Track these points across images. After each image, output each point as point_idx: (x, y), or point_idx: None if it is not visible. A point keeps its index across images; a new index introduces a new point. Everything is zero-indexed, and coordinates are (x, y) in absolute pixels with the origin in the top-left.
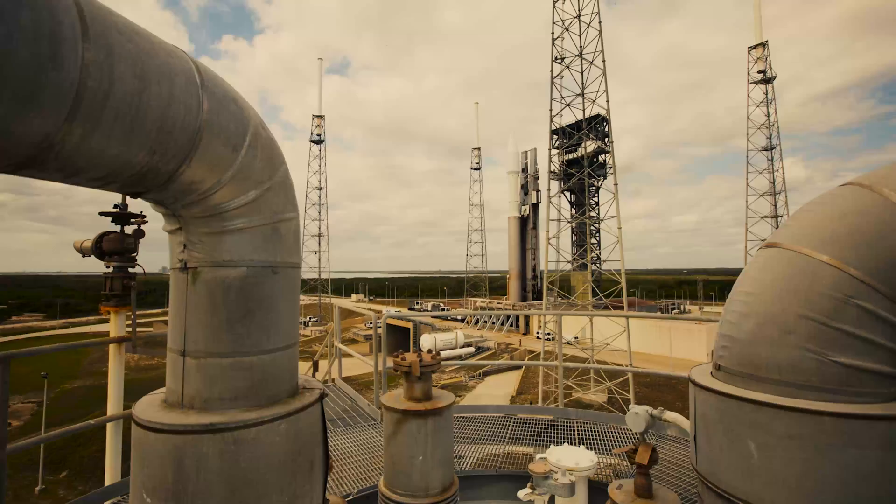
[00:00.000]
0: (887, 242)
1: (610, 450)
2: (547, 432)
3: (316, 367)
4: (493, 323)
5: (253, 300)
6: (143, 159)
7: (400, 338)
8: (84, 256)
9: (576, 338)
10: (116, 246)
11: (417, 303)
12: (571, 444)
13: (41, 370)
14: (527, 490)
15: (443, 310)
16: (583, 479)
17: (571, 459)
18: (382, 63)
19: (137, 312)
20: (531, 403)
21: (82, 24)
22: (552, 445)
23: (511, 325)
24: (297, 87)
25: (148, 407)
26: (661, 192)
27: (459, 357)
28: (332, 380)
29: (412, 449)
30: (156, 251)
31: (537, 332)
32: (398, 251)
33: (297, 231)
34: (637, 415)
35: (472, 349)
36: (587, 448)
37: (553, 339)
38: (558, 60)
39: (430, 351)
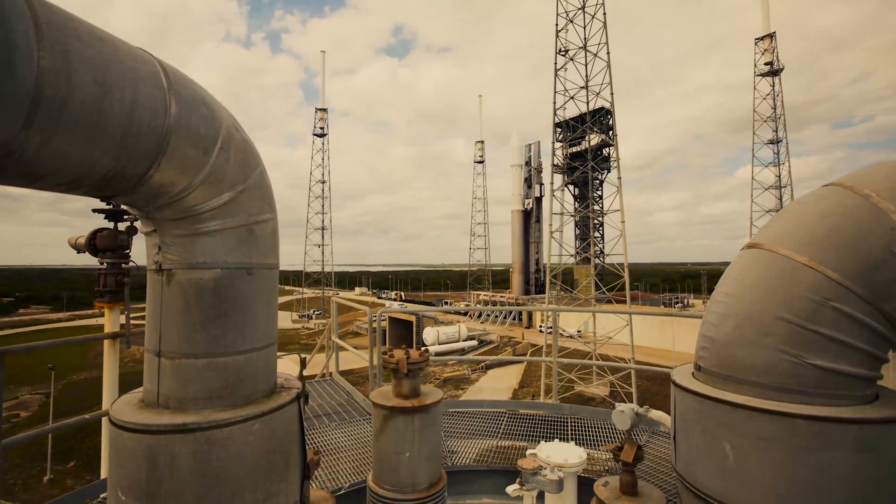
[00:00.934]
0: (866, 244)
1: (603, 445)
2: (541, 427)
3: (304, 364)
4: (496, 316)
5: (227, 301)
6: (109, 164)
7: (403, 331)
8: (79, 253)
9: (578, 332)
10: (110, 243)
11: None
12: (565, 439)
13: (48, 362)
14: (515, 486)
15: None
16: (572, 475)
17: (561, 455)
18: (449, 42)
19: (132, 307)
20: (533, 397)
21: (37, 31)
22: (542, 441)
23: (514, 319)
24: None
25: (124, 406)
26: (693, 184)
27: (462, 350)
28: (330, 373)
29: (399, 445)
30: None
31: (540, 326)
32: (407, 244)
33: (274, 232)
34: (622, 413)
35: (474, 342)
36: (581, 443)
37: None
38: (562, 53)
39: (419, 348)
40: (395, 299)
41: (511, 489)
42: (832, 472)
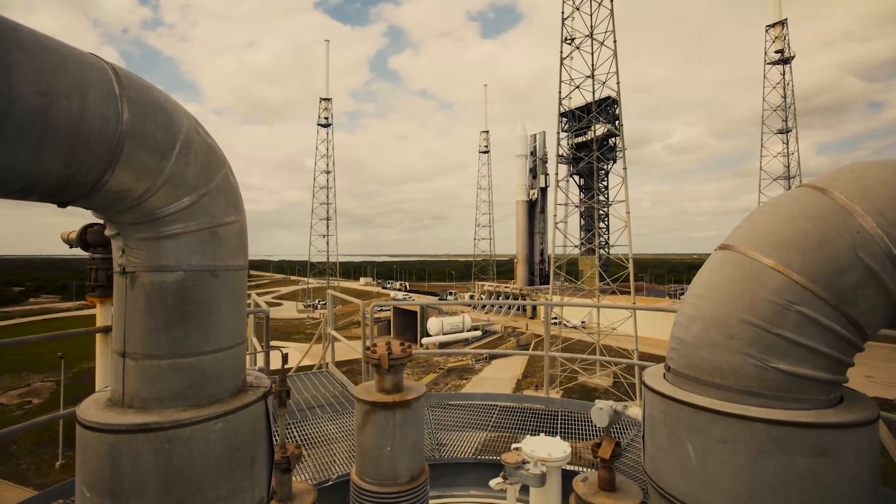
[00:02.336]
0: (832, 247)
1: (592, 440)
2: (532, 421)
3: (285, 359)
4: (501, 307)
5: (191, 303)
6: (59, 172)
7: (408, 321)
8: (71, 247)
9: (583, 322)
10: (100, 238)
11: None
12: (555, 433)
13: (58, 351)
14: (498, 479)
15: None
16: (556, 469)
17: (545, 450)
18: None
19: None
20: (536, 387)
21: None
22: (528, 436)
23: (518, 309)
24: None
25: (90, 405)
26: (727, 174)
27: (466, 340)
28: (327, 364)
29: (380, 439)
30: None
31: (544, 317)
32: (414, 235)
33: (241, 234)
34: (601, 410)
35: (478, 333)
36: (571, 437)
37: (558, 322)
38: (568, 41)
39: (401, 343)
40: (399, 289)
41: (494, 483)
42: (790, 476)
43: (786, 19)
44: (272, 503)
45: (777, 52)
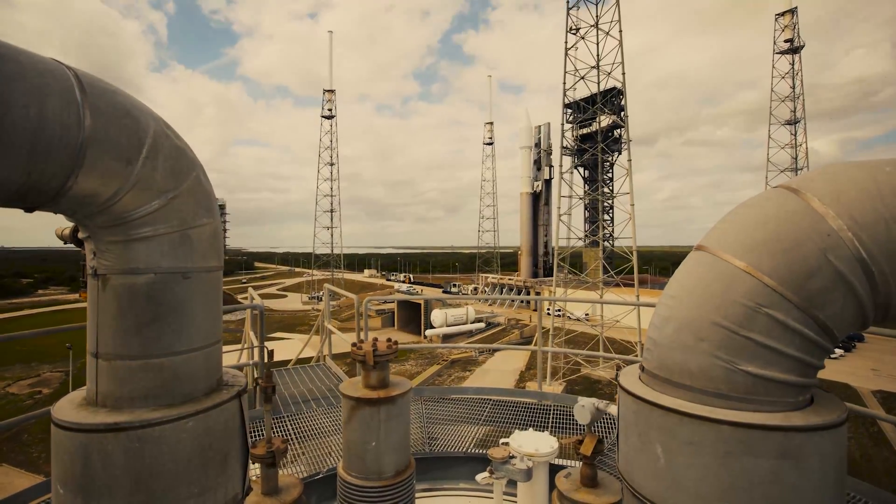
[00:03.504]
0: (803, 250)
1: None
2: (524, 416)
3: (270, 356)
4: (503, 300)
5: (162, 305)
6: (19, 179)
7: (412, 313)
8: (65, 244)
9: (586, 314)
10: None
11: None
12: (547, 427)
13: (66, 342)
14: (485, 474)
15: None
16: (544, 464)
17: (532, 445)
18: None
19: None
20: None
21: None
22: (516, 430)
23: (522, 301)
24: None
25: (65, 405)
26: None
27: (470, 333)
28: (324, 357)
29: (365, 435)
30: None
31: (547, 309)
32: (424, 226)
33: (214, 235)
34: (583, 408)
35: (482, 325)
36: (563, 432)
37: (562, 315)
38: (573, 31)
39: (388, 339)
40: (403, 281)
41: (480, 477)
42: (754, 478)
43: (796, 8)
44: (259, 496)
45: (786, 41)
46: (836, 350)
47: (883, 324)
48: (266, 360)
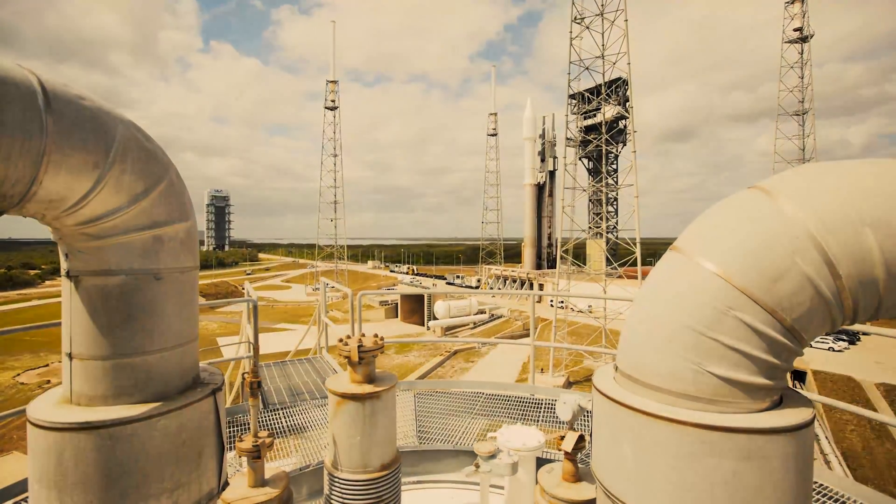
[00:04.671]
0: (771, 253)
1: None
2: (516, 409)
3: (256, 351)
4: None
5: (134, 306)
6: None
7: (415, 304)
8: None
9: (589, 307)
10: None
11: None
12: (538, 421)
13: None
14: (471, 468)
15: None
16: (530, 458)
17: (519, 439)
18: None
19: None
20: (542, 371)
21: None
22: (505, 425)
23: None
24: None
25: (41, 403)
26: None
27: (473, 324)
28: (321, 349)
29: (350, 429)
30: None
31: (550, 301)
32: (430, 216)
33: (188, 237)
34: (565, 404)
35: (485, 316)
36: (554, 426)
37: (564, 307)
38: (577, 20)
39: (375, 335)
40: (406, 273)
41: (466, 471)
42: (716, 478)
43: None
44: (246, 489)
45: (795, 30)
46: (841, 343)
47: (852, 325)
48: (253, 355)
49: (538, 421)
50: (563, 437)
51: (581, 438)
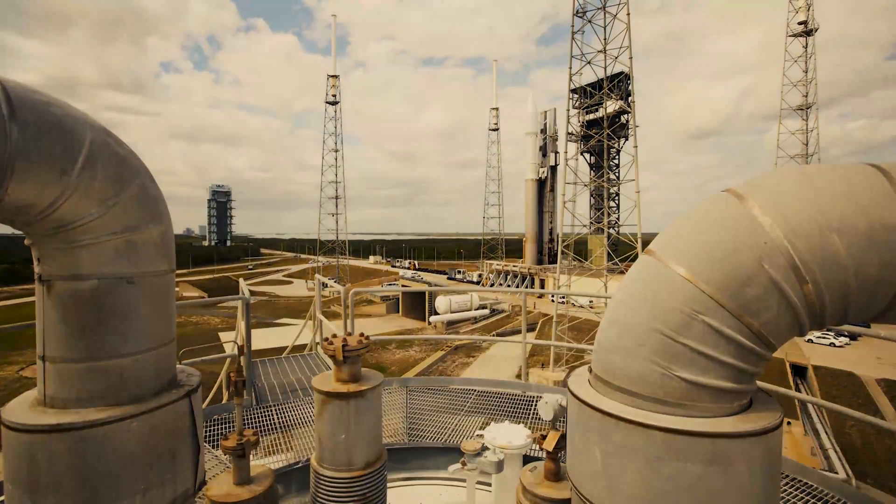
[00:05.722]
0: (740, 258)
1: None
2: (507, 406)
3: (240, 351)
4: (509, 286)
5: (106, 310)
6: None
7: (417, 300)
8: None
9: (590, 302)
10: None
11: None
12: (528, 418)
13: None
14: (457, 465)
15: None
16: (517, 455)
17: (506, 438)
18: None
19: None
20: (543, 365)
21: None
22: (492, 423)
23: (526, 287)
24: None
25: (16, 405)
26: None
27: (474, 319)
28: (317, 345)
29: (335, 428)
30: (176, 214)
31: (552, 296)
32: (433, 211)
33: (162, 240)
34: (546, 404)
35: (486, 311)
36: (541, 423)
37: (565, 302)
38: (579, 14)
39: (361, 334)
40: (408, 268)
41: (452, 468)
42: (682, 482)
43: None
44: (231, 486)
45: (800, 23)
46: (841, 338)
47: (821, 329)
48: (238, 354)
49: (529, 418)
50: (544, 437)
51: (563, 438)
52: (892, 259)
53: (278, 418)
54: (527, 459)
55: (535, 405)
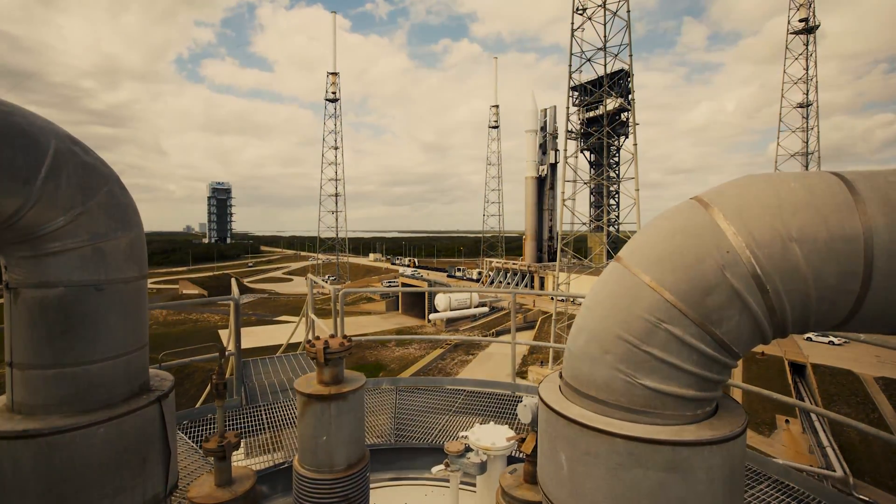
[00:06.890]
0: (702, 267)
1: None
2: (495, 406)
3: (222, 354)
4: (508, 283)
5: (74, 317)
6: None
7: (416, 298)
8: None
9: None
10: None
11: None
12: (515, 418)
13: None
14: (440, 467)
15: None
16: (501, 457)
17: (489, 439)
18: None
19: (164, 270)
20: (542, 363)
21: None
22: (476, 424)
23: (526, 286)
24: None
25: None
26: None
27: (474, 316)
28: (309, 342)
29: (316, 430)
30: (177, 211)
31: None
32: (436, 209)
33: (131, 247)
34: (525, 407)
35: (486, 309)
36: (529, 424)
37: (565, 300)
38: (580, 11)
39: (344, 336)
40: (408, 265)
41: (435, 470)
42: (642, 489)
43: None
44: (212, 488)
45: (801, 20)
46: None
47: (784, 337)
48: (220, 357)
49: (516, 419)
50: (522, 440)
51: None
52: (851, 268)
53: (268, 418)
54: (512, 460)
55: None
